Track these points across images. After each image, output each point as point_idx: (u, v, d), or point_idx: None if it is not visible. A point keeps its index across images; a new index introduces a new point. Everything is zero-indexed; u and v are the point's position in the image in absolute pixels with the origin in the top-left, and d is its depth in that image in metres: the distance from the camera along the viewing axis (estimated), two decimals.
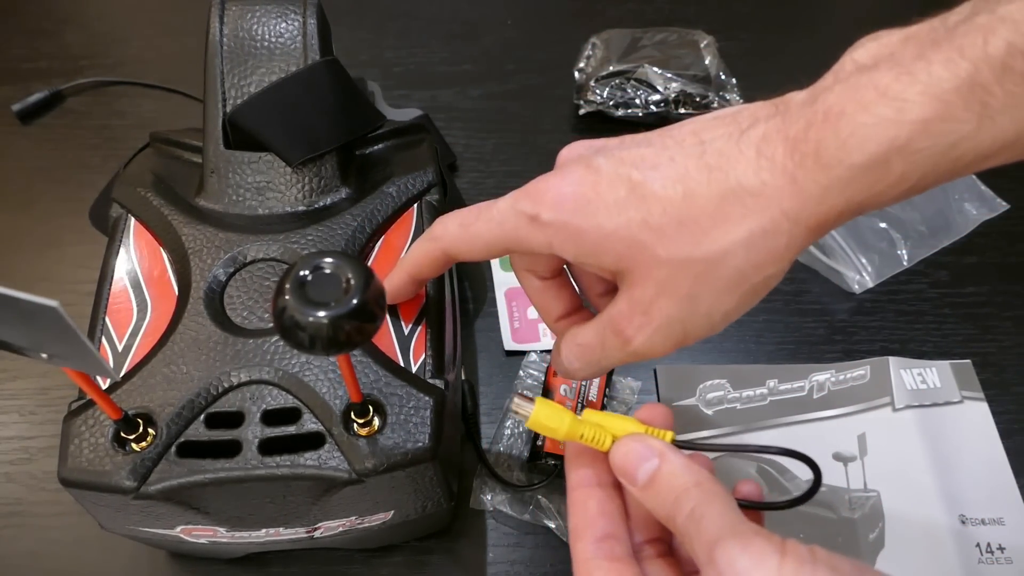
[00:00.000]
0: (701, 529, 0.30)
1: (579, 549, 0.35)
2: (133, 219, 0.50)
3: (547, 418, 0.36)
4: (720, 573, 0.28)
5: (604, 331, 0.36)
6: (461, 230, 0.38)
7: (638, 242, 0.33)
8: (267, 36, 0.51)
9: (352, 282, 0.31)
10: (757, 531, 0.29)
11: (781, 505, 0.36)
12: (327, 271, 0.31)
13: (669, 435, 0.35)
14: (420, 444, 0.41)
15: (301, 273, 0.31)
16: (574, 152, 0.38)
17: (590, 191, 0.34)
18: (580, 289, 0.43)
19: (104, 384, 0.43)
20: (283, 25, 0.51)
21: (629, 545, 0.36)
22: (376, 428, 0.41)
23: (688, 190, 0.32)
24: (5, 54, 0.86)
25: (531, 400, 0.36)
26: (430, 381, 0.44)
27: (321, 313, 0.30)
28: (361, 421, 0.41)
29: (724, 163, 0.32)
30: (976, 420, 0.60)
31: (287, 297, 0.30)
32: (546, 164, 0.77)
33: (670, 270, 0.33)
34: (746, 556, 0.28)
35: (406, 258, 0.42)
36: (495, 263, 0.70)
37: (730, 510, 0.31)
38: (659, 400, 0.62)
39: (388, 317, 0.46)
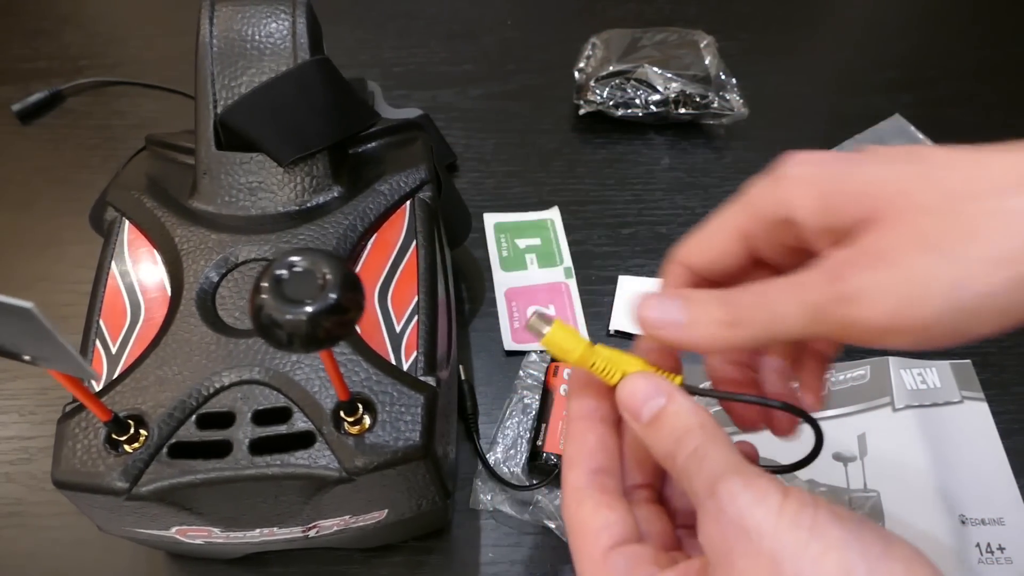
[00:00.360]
0: (703, 467, 0.30)
1: (572, 477, 0.35)
2: (127, 222, 0.50)
3: (563, 339, 0.35)
4: (721, 508, 0.28)
5: (802, 276, 0.29)
6: (694, 242, 0.36)
7: (902, 188, 0.28)
8: (257, 36, 0.51)
9: (329, 278, 0.31)
10: (760, 472, 0.29)
11: (784, 468, 0.36)
12: (303, 268, 0.31)
13: (679, 378, 0.35)
14: (411, 442, 0.41)
15: (277, 271, 0.31)
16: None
17: (851, 155, 0.31)
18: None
19: (98, 386, 0.43)
20: (273, 25, 0.51)
21: (621, 484, 0.35)
22: (367, 426, 0.41)
23: (979, 158, 0.28)
24: (5, 54, 0.86)
25: (549, 321, 0.35)
26: (421, 378, 0.44)
27: (298, 310, 0.30)
28: (351, 419, 0.41)
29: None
30: (976, 420, 0.60)
31: (264, 296, 0.30)
32: (546, 164, 0.77)
33: (932, 220, 0.27)
34: (749, 492, 0.27)
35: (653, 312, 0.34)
36: (495, 263, 0.70)
37: (733, 452, 0.30)
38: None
39: (380, 314, 0.46)
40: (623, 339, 0.65)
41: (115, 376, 0.43)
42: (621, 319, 0.67)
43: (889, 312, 0.26)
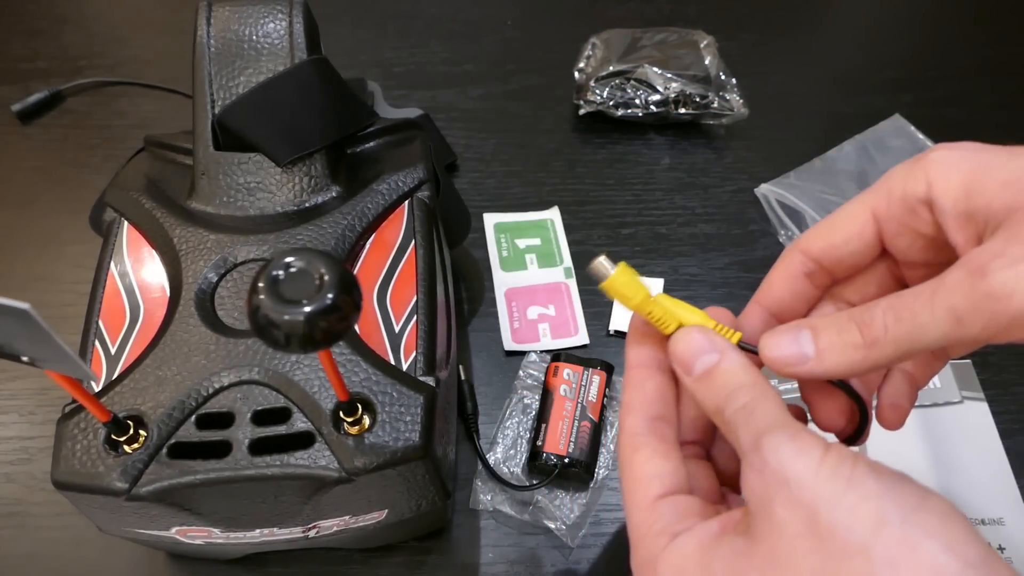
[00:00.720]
0: (751, 420, 0.30)
1: (630, 424, 0.34)
2: (126, 222, 0.50)
3: (624, 285, 0.34)
4: (764, 459, 0.28)
5: (942, 278, 0.28)
6: (820, 230, 0.35)
7: None
8: (254, 36, 0.51)
9: (326, 278, 0.31)
10: (804, 428, 0.29)
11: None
12: (300, 268, 0.31)
13: (737, 335, 0.34)
14: (410, 442, 0.41)
15: (274, 271, 0.31)
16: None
17: (979, 147, 0.30)
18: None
19: (97, 387, 0.43)
20: (270, 25, 0.51)
21: (677, 434, 0.35)
22: (366, 426, 0.41)
23: None
24: (5, 54, 0.86)
25: (613, 264, 0.34)
26: (421, 379, 0.44)
27: (295, 310, 0.30)
28: (351, 420, 0.41)
29: None
30: (976, 420, 0.60)
31: (261, 296, 0.30)
32: (546, 164, 0.77)
33: None
34: (792, 445, 0.28)
35: (769, 289, 0.37)
36: (495, 263, 0.70)
37: (782, 409, 0.30)
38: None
39: (379, 314, 0.46)
40: (623, 339, 0.65)
41: (114, 377, 0.43)
42: (621, 319, 0.66)
43: (1016, 296, 0.26)
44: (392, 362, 0.44)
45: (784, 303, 0.36)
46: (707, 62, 0.80)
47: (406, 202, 0.51)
